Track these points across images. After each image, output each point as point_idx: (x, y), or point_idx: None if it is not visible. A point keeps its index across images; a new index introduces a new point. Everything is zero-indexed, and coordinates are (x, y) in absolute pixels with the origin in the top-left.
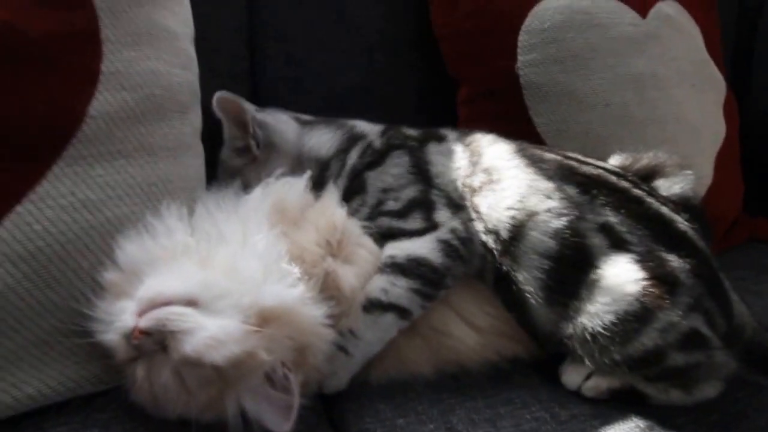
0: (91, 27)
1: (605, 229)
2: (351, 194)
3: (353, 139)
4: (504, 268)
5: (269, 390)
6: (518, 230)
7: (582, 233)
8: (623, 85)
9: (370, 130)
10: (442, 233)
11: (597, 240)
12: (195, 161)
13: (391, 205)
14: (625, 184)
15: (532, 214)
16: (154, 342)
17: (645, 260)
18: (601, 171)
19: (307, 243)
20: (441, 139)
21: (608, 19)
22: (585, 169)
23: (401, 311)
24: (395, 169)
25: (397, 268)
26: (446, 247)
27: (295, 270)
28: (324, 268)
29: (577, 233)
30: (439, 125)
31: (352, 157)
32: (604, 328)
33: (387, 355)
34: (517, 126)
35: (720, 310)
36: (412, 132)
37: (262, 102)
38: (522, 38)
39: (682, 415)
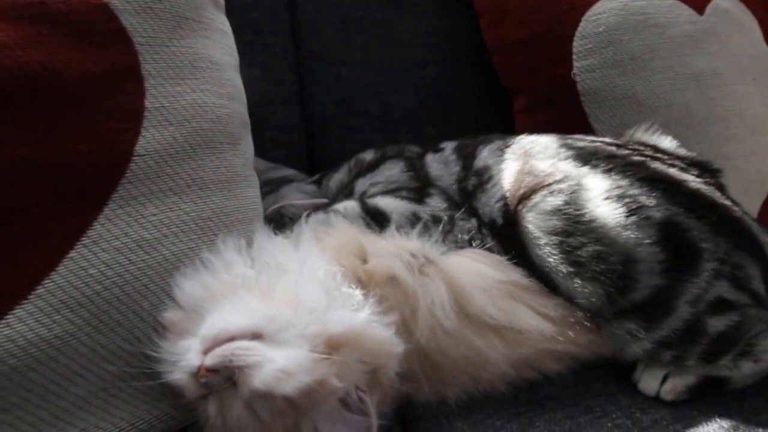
0: (130, 63)
1: (613, 194)
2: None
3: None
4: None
5: (346, 414)
6: (511, 216)
7: (582, 204)
8: (684, 84)
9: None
10: (423, 210)
11: (605, 209)
12: (249, 192)
13: (376, 190)
14: (625, 152)
15: (525, 197)
16: (223, 378)
17: (663, 235)
18: (598, 144)
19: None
20: (438, 150)
21: (665, 18)
22: (580, 144)
23: None
24: (388, 171)
25: (364, 205)
26: (416, 219)
27: (357, 292)
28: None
29: (578, 206)
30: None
31: (335, 177)
32: (637, 307)
33: (467, 362)
34: (573, 131)
35: (752, 258)
36: (410, 147)
37: (315, 127)
38: (577, 44)
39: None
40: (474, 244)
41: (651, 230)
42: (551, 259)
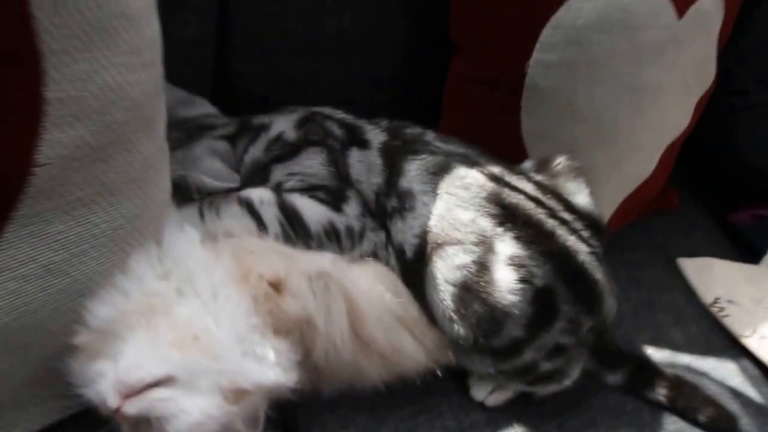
0: (24, 35)
1: (514, 262)
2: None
3: (248, 128)
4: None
5: None
6: (423, 256)
7: (487, 266)
8: (622, 96)
9: (280, 121)
10: (339, 221)
11: (503, 273)
12: (160, 180)
13: (293, 184)
14: (540, 215)
15: (440, 245)
16: (138, 418)
17: (536, 297)
18: (521, 198)
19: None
20: (364, 144)
21: (644, 20)
22: (505, 196)
23: (260, 225)
24: (308, 161)
25: (282, 202)
26: (332, 231)
27: (271, 354)
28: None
29: (483, 267)
30: (422, 81)
31: (252, 152)
32: (494, 350)
33: (344, 370)
34: (500, 120)
35: (591, 316)
36: (335, 129)
37: (232, 44)
38: (547, 33)
39: (549, 420)
40: (378, 256)
41: (529, 293)
42: (442, 304)
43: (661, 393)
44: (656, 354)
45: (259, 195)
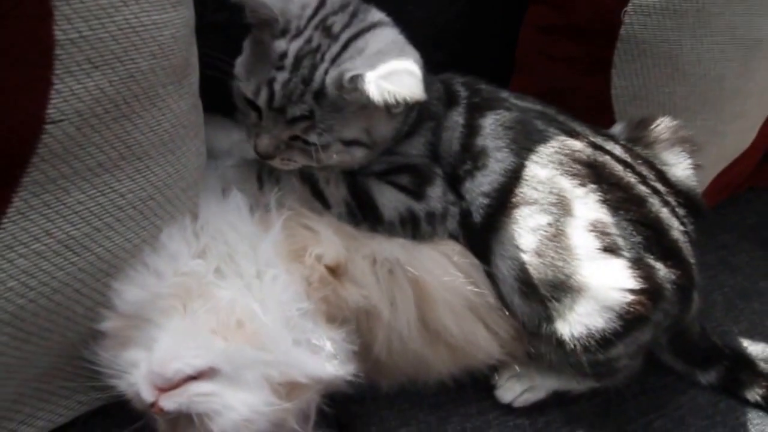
0: None
1: (597, 228)
2: None
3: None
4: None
5: None
6: (493, 219)
7: (564, 230)
8: (733, 53)
9: None
10: (419, 208)
11: (585, 240)
12: (194, 143)
13: (380, 167)
14: (630, 178)
15: (513, 206)
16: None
17: (636, 271)
18: (607, 159)
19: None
20: (456, 101)
21: None
22: (589, 153)
23: (325, 205)
24: (418, 141)
25: (353, 184)
26: (410, 218)
27: (328, 344)
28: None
29: (559, 231)
30: (489, 33)
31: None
32: (579, 337)
33: (408, 363)
34: (586, 79)
35: (679, 314)
36: (440, 89)
37: None
38: None
39: (634, 420)
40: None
41: None
42: (510, 273)
43: (758, 393)
44: (753, 348)
45: (326, 174)
